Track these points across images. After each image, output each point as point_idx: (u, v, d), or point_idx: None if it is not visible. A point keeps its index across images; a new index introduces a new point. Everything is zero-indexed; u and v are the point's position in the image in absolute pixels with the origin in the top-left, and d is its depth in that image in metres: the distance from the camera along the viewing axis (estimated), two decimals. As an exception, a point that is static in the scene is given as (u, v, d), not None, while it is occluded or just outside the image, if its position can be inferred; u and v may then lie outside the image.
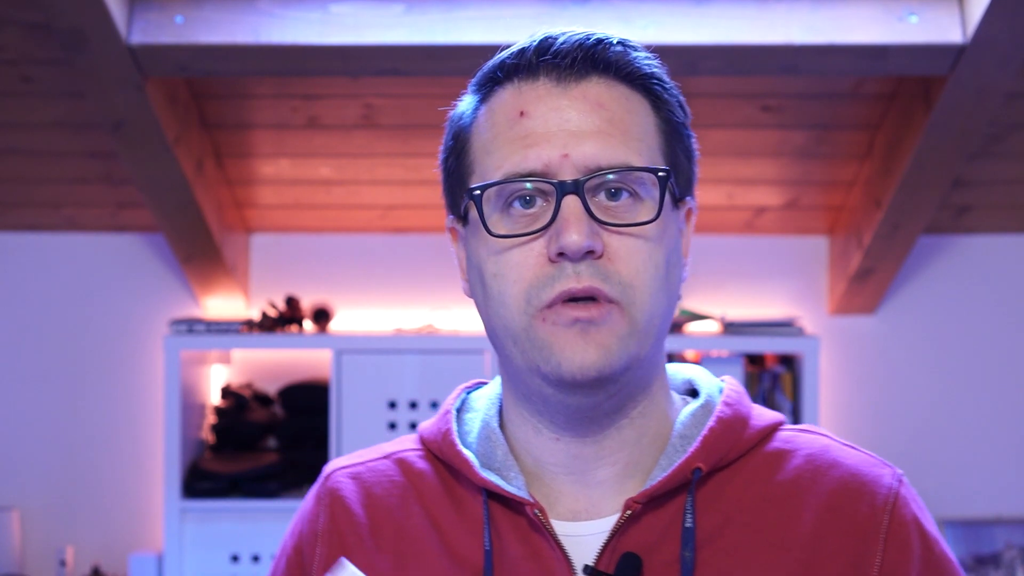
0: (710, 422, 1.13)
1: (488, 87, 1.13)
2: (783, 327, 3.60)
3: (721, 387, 1.20)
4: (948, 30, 2.90)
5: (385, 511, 1.16)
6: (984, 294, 3.84)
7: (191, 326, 3.52)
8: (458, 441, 1.16)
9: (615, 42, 1.12)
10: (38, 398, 3.82)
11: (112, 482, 3.79)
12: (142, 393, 3.80)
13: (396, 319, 3.78)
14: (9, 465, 3.81)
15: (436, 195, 1.12)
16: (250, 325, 3.59)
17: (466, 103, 1.16)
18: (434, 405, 3.49)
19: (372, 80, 3.25)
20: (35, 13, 2.94)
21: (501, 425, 1.17)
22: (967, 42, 2.87)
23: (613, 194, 1.08)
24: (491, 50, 1.16)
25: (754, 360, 3.64)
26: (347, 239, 3.85)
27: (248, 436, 3.63)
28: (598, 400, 1.09)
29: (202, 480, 3.48)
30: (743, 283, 3.83)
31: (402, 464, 1.19)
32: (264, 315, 3.63)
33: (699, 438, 1.12)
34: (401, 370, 3.49)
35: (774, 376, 3.60)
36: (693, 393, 1.21)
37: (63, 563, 3.69)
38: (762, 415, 1.18)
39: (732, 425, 1.14)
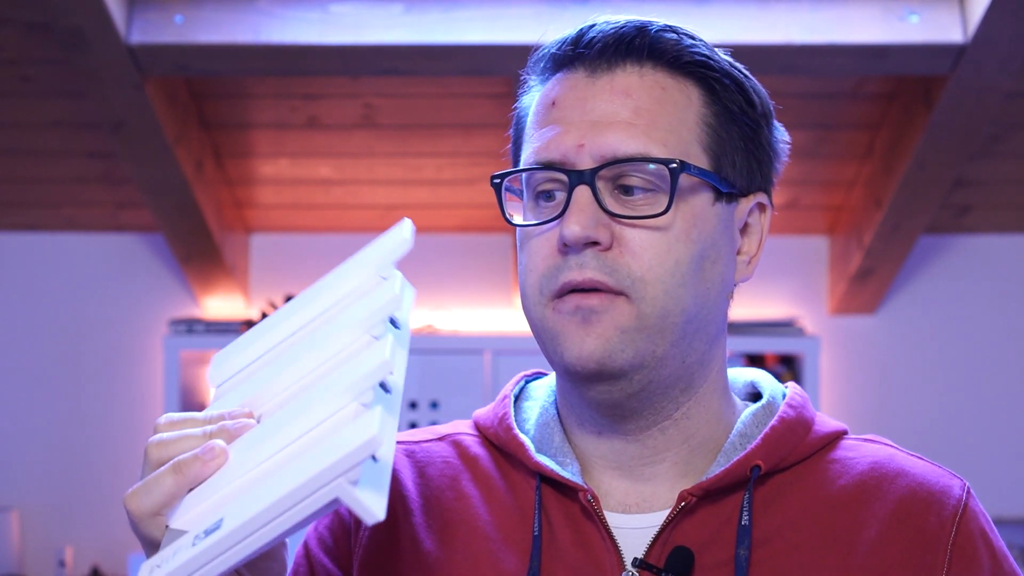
0: (772, 421, 1.10)
1: (540, 77, 1.12)
2: (783, 327, 3.60)
3: (784, 391, 1.17)
4: (949, 30, 2.90)
5: (436, 491, 1.13)
6: (984, 294, 3.84)
7: (190, 326, 3.52)
8: (515, 425, 1.13)
9: (656, 29, 1.09)
10: (38, 398, 3.82)
11: (112, 482, 3.79)
12: (142, 393, 3.80)
13: (396, 319, 3.77)
14: (9, 465, 3.81)
15: (436, 195, 1.12)
16: (250, 325, 3.58)
17: (527, 91, 1.15)
18: (434, 405, 3.48)
19: (372, 80, 3.25)
20: (35, 13, 2.94)
21: (559, 414, 1.15)
22: (968, 42, 2.87)
23: (627, 189, 1.05)
24: (490, 50, 1.15)
25: (754, 360, 3.64)
26: (347, 239, 3.85)
27: (248, 436, 3.63)
28: (615, 396, 1.06)
29: (202, 480, 3.48)
30: (743, 283, 3.82)
31: (458, 446, 1.16)
32: (264, 315, 3.63)
33: (760, 436, 1.09)
34: (401, 370, 3.48)
35: (774, 376, 3.60)
36: (755, 397, 1.19)
37: (62, 563, 3.68)
38: (826, 422, 1.14)
39: (794, 427, 1.11)
